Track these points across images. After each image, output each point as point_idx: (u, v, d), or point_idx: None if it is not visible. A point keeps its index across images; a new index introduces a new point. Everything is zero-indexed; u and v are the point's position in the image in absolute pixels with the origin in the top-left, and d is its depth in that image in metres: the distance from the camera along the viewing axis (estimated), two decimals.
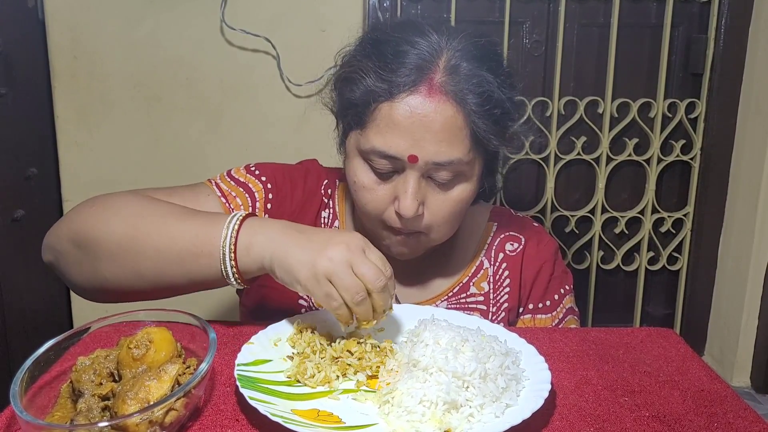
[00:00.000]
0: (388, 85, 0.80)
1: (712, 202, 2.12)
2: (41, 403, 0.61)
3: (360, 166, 0.86)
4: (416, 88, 0.79)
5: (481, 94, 0.80)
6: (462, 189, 0.85)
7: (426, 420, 0.59)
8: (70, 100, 1.83)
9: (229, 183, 0.96)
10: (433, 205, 0.85)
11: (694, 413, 0.65)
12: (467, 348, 0.66)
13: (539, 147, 2.03)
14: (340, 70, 0.88)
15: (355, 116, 0.84)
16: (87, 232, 0.78)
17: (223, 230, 0.73)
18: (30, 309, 1.83)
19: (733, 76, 2.01)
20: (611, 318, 2.21)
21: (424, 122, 0.79)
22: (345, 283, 0.68)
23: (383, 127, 0.81)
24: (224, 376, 0.69)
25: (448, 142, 0.80)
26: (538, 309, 1.00)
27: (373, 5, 1.84)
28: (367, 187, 0.85)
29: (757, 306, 2.08)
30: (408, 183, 0.82)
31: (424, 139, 0.80)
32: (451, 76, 0.80)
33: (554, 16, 1.95)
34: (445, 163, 0.81)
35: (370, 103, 0.81)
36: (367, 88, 0.81)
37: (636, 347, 0.79)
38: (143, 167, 1.90)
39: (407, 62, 0.80)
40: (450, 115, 0.80)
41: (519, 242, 1.01)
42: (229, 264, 0.73)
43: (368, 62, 0.82)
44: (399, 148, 0.80)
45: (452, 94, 0.79)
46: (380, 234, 0.89)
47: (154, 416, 0.55)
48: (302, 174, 1.01)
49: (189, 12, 1.80)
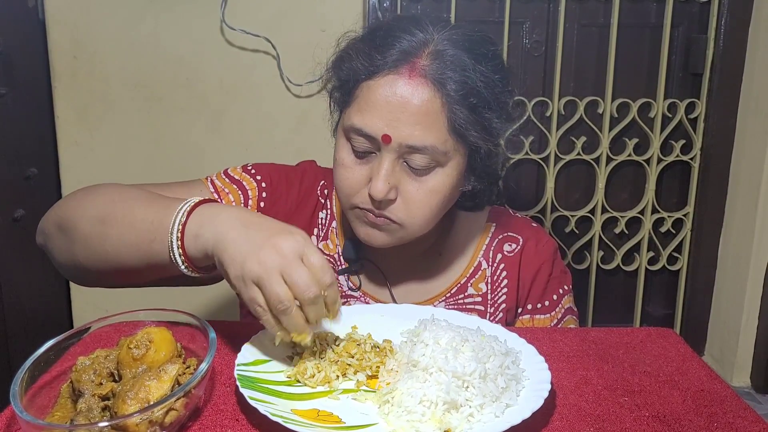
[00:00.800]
0: (371, 63, 0.81)
1: (712, 202, 2.12)
2: (41, 403, 0.61)
3: (342, 145, 0.87)
4: (397, 69, 0.80)
5: (461, 80, 0.80)
6: (438, 180, 0.84)
7: (426, 420, 0.60)
8: (70, 100, 1.83)
9: (224, 180, 0.97)
10: (407, 193, 0.84)
11: (694, 413, 0.65)
12: (467, 348, 0.66)
13: (539, 147, 2.04)
14: (337, 50, 0.90)
15: (341, 95, 0.87)
16: (66, 216, 0.80)
17: (173, 216, 0.71)
18: (30, 309, 1.83)
19: (733, 76, 2.01)
20: (611, 318, 2.21)
21: (401, 103, 0.80)
22: (270, 290, 0.63)
23: (363, 105, 0.82)
24: (224, 376, 0.69)
25: (424, 126, 0.80)
26: (536, 309, 1.00)
27: (373, 5, 1.84)
28: (345, 165, 0.86)
29: (757, 306, 2.08)
30: (382, 164, 0.82)
31: (399, 120, 0.80)
32: (434, 61, 0.80)
33: (554, 16, 1.95)
34: (419, 147, 0.81)
35: (354, 81, 0.83)
36: (352, 67, 0.83)
37: (636, 347, 0.80)
38: (143, 167, 1.90)
39: (395, 45, 0.81)
40: (427, 99, 0.80)
41: (517, 243, 1.01)
42: (177, 251, 0.70)
43: (360, 44, 0.85)
44: (374, 126, 0.81)
45: (431, 77, 0.80)
46: (353, 219, 0.89)
47: (154, 416, 0.55)
48: (299, 175, 1.01)
49: (189, 12, 1.80)
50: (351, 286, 0.98)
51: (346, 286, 0.98)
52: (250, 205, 0.96)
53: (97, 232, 0.76)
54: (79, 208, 0.79)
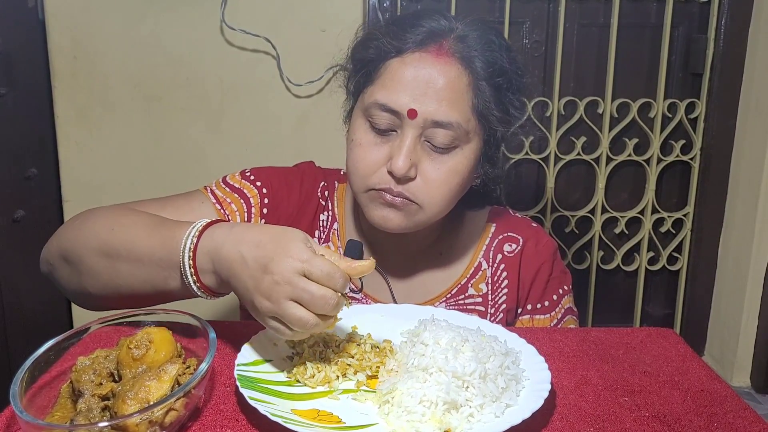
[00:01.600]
0: (400, 42, 0.84)
1: (712, 202, 2.12)
2: (41, 403, 0.61)
3: (360, 124, 0.87)
4: (426, 48, 0.83)
5: (488, 59, 0.84)
6: (458, 160, 0.85)
7: (426, 420, 0.59)
8: (70, 100, 1.83)
9: (224, 189, 0.96)
10: (427, 171, 0.84)
11: (694, 413, 0.65)
12: (467, 348, 0.66)
13: (539, 147, 2.04)
14: (357, 36, 0.92)
15: (364, 75, 0.88)
16: (69, 248, 0.80)
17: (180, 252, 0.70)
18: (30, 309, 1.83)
19: (733, 76, 2.01)
20: (611, 318, 2.21)
21: (427, 79, 0.82)
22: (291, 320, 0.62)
23: (388, 82, 0.84)
24: (224, 376, 0.69)
25: (450, 102, 0.82)
26: (536, 309, 1.00)
27: (373, 5, 1.84)
28: (363, 145, 0.86)
29: (757, 306, 2.08)
30: (404, 141, 0.83)
31: (426, 95, 0.82)
32: (460, 43, 0.84)
33: (554, 16, 1.95)
34: (444, 122, 0.82)
35: (380, 60, 0.85)
36: (379, 46, 0.85)
37: (636, 347, 0.79)
38: (143, 167, 1.90)
39: (422, 27, 0.84)
40: (454, 76, 0.82)
41: (517, 243, 1.01)
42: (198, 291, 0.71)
43: (384, 27, 0.88)
44: (400, 101, 0.82)
45: (459, 56, 0.83)
46: (367, 204, 0.88)
47: (154, 416, 0.55)
48: (298, 177, 1.00)
49: (189, 12, 1.80)
50: (352, 287, 0.98)
51: (348, 287, 0.98)
52: (254, 213, 0.95)
53: (105, 266, 0.76)
54: (81, 239, 0.79)
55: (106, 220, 0.80)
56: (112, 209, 0.84)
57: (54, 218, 1.90)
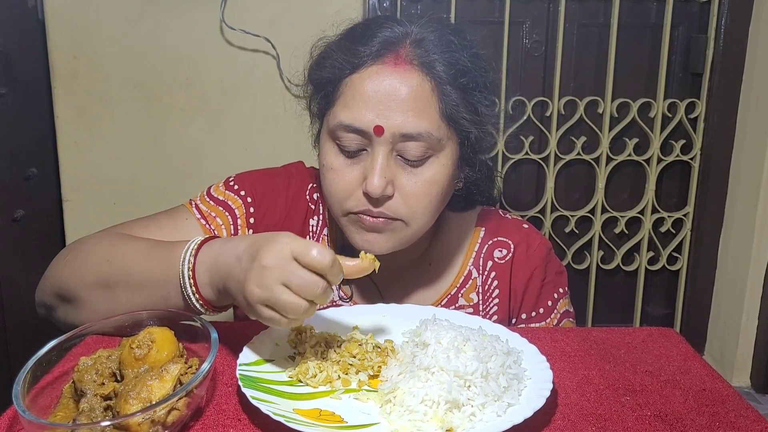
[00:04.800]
0: (355, 57, 0.80)
1: (712, 202, 2.12)
2: (44, 403, 0.61)
3: (329, 148, 0.84)
4: (382, 59, 0.80)
5: (449, 61, 0.80)
6: (434, 170, 0.82)
7: (428, 419, 0.59)
8: (70, 100, 1.83)
9: (208, 203, 0.93)
10: (405, 187, 0.81)
11: (696, 412, 0.65)
12: (469, 347, 0.66)
13: (539, 147, 2.04)
14: (313, 56, 0.89)
15: (324, 97, 0.85)
16: (63, 285, 0.79)
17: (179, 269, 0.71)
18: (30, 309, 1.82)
19: (733, 76, 2.01)
20: (611, 318, 2.22)
21: (389, 92, 0.78)
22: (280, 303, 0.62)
23: (349, 100, 0.80)
24: (226, 375, 0.69)
25: (416, 112, 0.78)
26: (531, 318, 0.97)
27: (373, 5, 1.84)
28: (335, 169, 0.83)
29: (757, 306, 2.08)
30: (376, 159, 0.80)
31: (390, 109, 0.78)
32: (418, 48, 0.80)
33: (554, 16, 1.96)
34: (414, 134, 0.79)
35: (338, 79, 0.82)
36: (334, 64, 0.82)
37: (637, 347, 0.80)
38: (143, 167, 1.90)
39: (375, 37, 0.81)
40: (417, 84, 0.79)
41: (508, 248, 0.97)
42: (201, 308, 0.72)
43: (339, 42, 0.84)
44: (365, 119, 0.79)
45: (418, 62, 0.79)
46: (347, 227, 0.85)
47: (156, 416, 0.55)
48: (285, 179, 0.97)
49: (189, 12, 1.80)
50: (342, 295, 0.96)
51: (338, 295, 0.96)
52: (240, 225, 0.93)
53: (104, 297, 0.76)
54: (76, 275, 0.78)
55: (99, 251, 0.79)
56: (102, 238, 0.82)
57: (54, 218, 1.90)
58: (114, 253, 0.78)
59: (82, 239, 0.84)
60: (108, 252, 0.78)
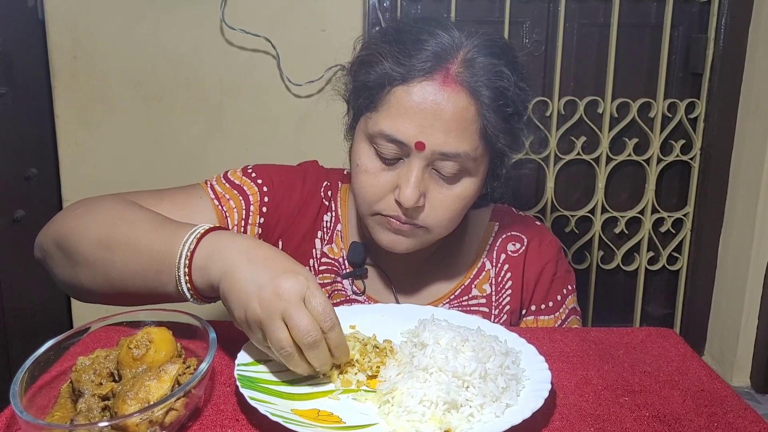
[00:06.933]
0: (405, 69, 0.80)
1: (712, 202, 2.12)
2: (41, 403, 0.61)
3: (365, 150, 0.85)
4: (432, 75, 0.79)
5: (496, 89, 0.81)
6: (466, 186, 0.85)
7: (426, 420, 0.59)
8: (70, 100, 1.83)
9: (224, 185, 0.94)
10: (435, 199, 0.84)
11: (695, 413, 0.65)
12: (467, 348, 0.66)
13: (539, 147, 2.03)
14: (358, 53, 0.88)
15: (367, 99, 0.84)
16: (66, 236, 0.78)
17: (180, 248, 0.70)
18: (30, 309, 1.83)
19: (733, 76, 2.01)
20: (611, 318, 2.21)
21: (435, 110, 0.79)
22: (271, 336, 0.62)
23: (394, 111, 0.81)
24: (224, 376, 0.69)
25: (458, 134, 0.80)
26: (540, 310, 1.00)
27: (373, 5, 1.84)
28: (369, 172, 0.84)
29: (757, 306, 2.08)
30: (411, 171, 0.81)
31: (434, 127, 0.79)
32: (467, 69, 0.80)
33: (554, 16, 1.95)
34: (452, 154, 0.80)
35: (385, 86, 0.82)
36: (383, 71, 0.81)
37: (636, 347, 0.80)
38: (143, 167, 1.90)
39: (426, 49, 0.80)
40: (462, 106, 0.80)
41: (521, 242, 1.00)
42: (185, 285, 0.70)
43: (387, 47, 0.83)
44: (407, 133, 0.80)
45: (467, 85, 0.80)
46: (373, 226, 0.88)
47: (154, 416, 0.55)
48: (300, 176, 0.99)
49: (189, 12, 1.80)
50: (355, 290, 0.97)
51: (351, 290, 0.97)
52: (252, 211, 0.94)
53: (100, 256, 0.75)
54: (80, 228, 0.78)
55: (110, 212, 0.79)
56: (115, 202, 0.82)
57: None
58: (124, 219, 0.77)
59: (98, 197, 0.84)
60: (120, 215, 0.78)
